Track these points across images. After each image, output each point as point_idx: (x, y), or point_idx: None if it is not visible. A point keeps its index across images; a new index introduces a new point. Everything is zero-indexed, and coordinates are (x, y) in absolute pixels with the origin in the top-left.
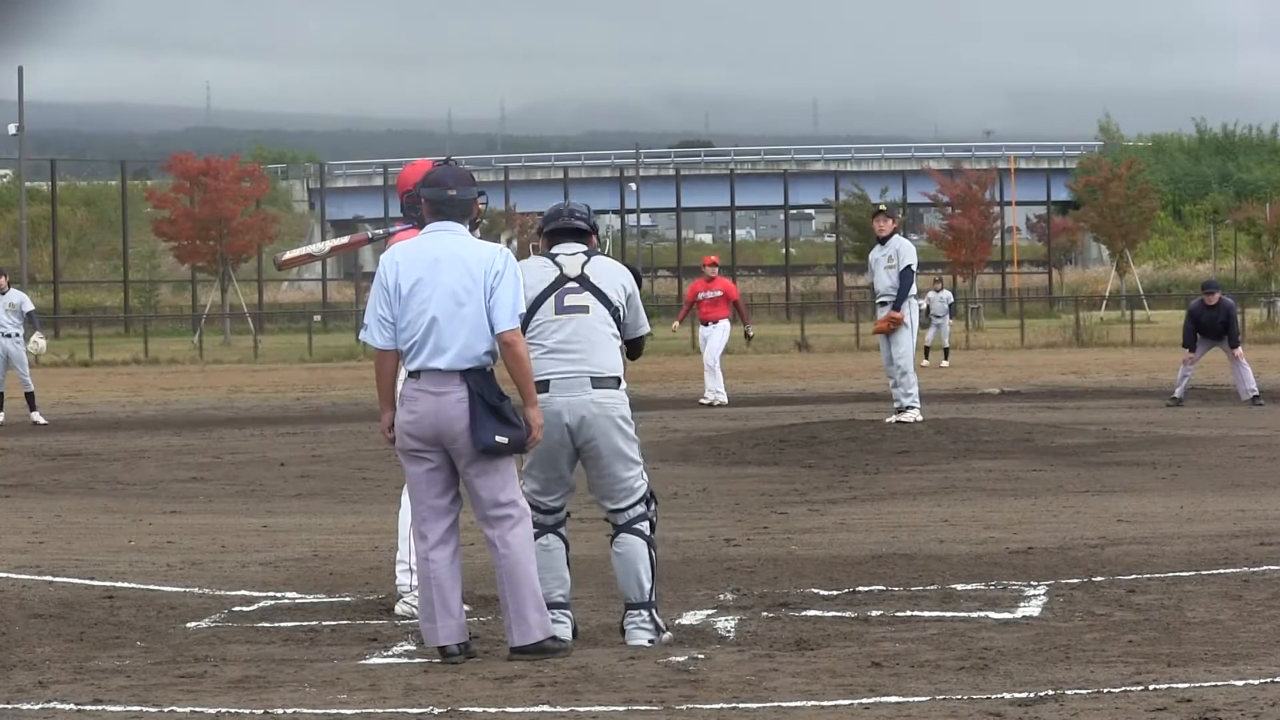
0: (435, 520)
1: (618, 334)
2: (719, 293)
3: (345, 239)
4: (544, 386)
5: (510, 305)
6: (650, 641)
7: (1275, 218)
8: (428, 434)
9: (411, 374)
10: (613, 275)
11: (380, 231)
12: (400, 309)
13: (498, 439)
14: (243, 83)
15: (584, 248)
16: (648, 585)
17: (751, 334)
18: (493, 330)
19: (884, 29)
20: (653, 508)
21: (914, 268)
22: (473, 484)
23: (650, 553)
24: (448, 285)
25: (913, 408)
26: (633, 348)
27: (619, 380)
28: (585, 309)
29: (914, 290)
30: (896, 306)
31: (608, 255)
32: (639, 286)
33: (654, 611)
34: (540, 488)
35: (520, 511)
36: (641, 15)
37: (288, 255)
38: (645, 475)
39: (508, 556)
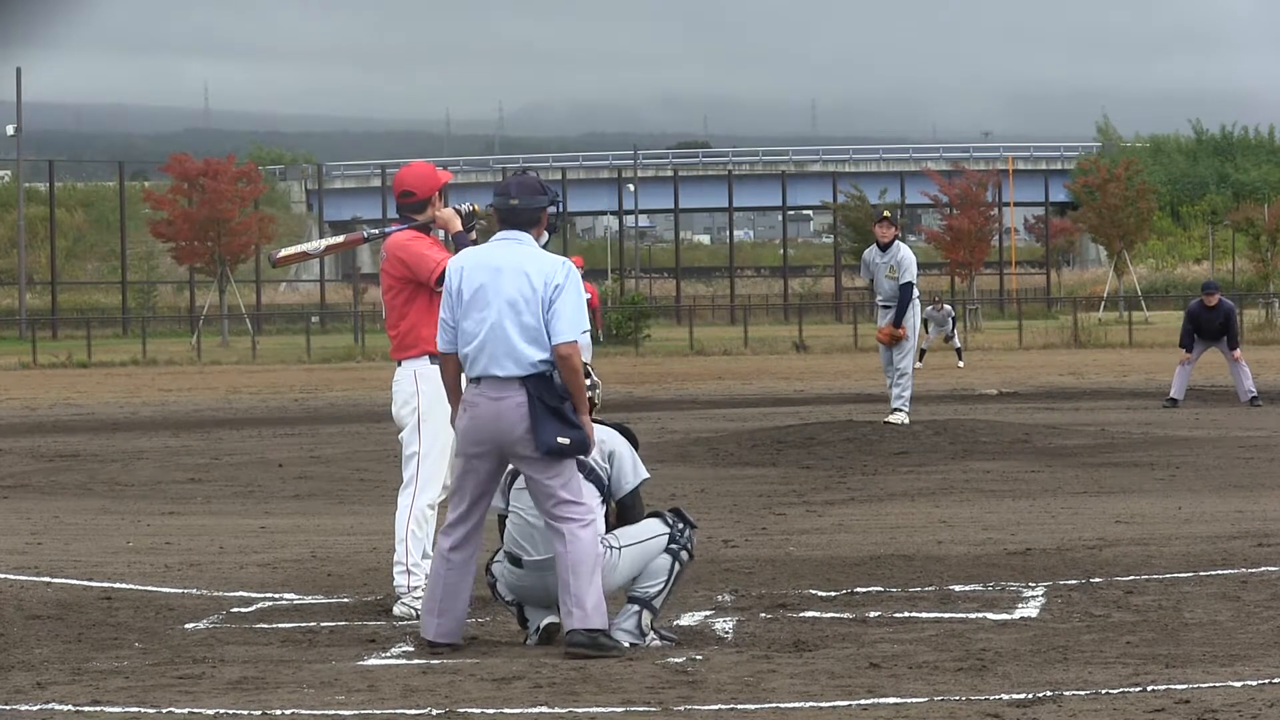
0: (466, 520)
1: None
2: (588, 295)
3: (340, 239)
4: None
5: (569, 318)
6: (630, 644)
7: (1273, 219)
8: (485, 437)
9: (472, 380)
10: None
11: (376, 231)
12: (461, 314)
13: (559, 440)
14: (241, 84)
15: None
16: (652, 590)
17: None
18: (550, 341)
19: (883, 30)
20: (686, 534)
21: (914, 280)
22: (536, 484)
23: (673, 567)
24: (507, 294)
25: (900, 410)
26: (625, 511)
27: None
28: None
29: (916, 293)
30: (898, 321)
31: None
32: (634, 445)
33: (641, 617)
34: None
35: (588, 511)
36: (639, 16)
37: (283, 253)
38: (668, 522)
39: (575, 545)
